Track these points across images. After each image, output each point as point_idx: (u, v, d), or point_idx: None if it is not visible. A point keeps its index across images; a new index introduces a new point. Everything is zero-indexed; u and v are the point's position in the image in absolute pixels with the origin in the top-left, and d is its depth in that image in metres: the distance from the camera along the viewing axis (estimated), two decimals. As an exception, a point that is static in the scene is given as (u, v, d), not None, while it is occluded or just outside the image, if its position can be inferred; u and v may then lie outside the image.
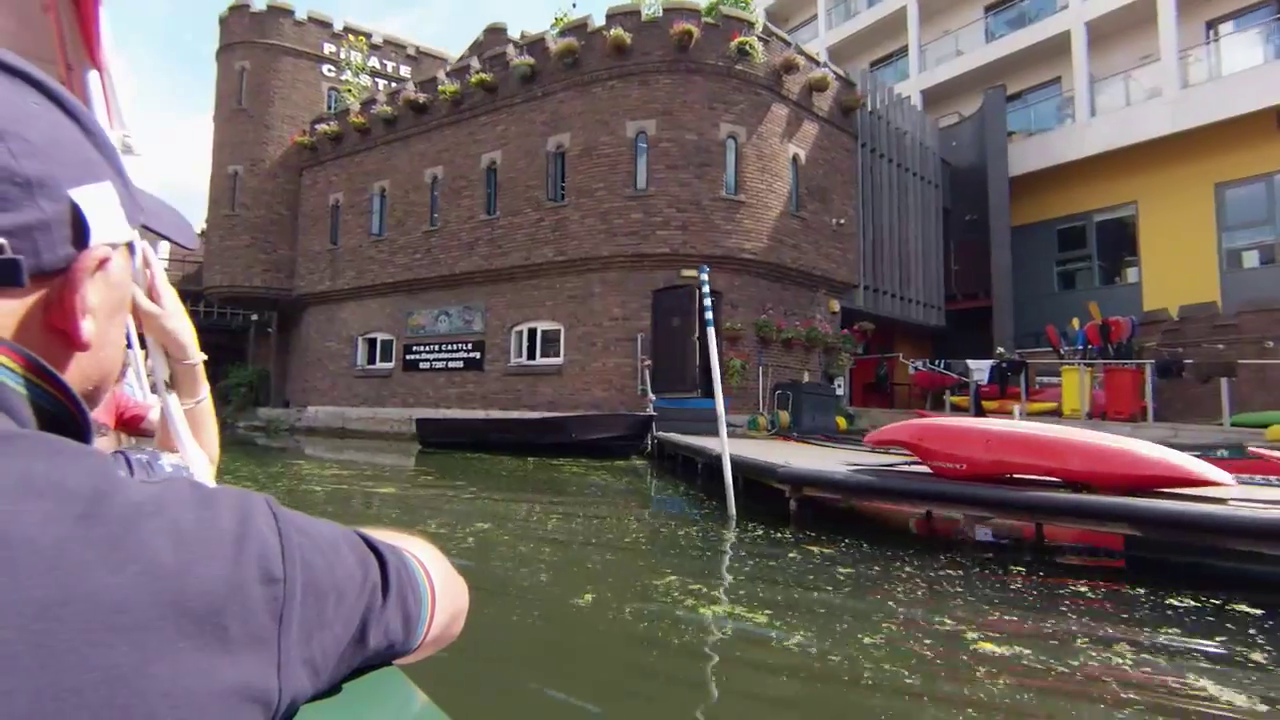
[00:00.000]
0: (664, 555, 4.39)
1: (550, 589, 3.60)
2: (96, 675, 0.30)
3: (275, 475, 9.32)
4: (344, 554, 0.45)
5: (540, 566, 4.03)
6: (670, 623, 3.00)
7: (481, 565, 4.04)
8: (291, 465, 11.12)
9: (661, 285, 13.56)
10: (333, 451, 14.89)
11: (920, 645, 2.78)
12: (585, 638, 2.98)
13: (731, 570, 4.03)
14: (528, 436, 11.35)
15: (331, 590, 0.42)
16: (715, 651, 2.75)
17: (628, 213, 13.51)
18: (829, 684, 2.42)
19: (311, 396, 18.78)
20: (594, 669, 2.70)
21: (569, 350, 14.10)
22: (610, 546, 4.59)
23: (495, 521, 5.43)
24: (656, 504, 6.77)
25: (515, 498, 7.00)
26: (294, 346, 20.78)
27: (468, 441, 12.12)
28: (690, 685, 2.48)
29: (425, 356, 16.33)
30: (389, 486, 7.97)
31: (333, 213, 18.54)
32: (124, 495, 0.35)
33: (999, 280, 18.81)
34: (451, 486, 8.00)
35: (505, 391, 14.87)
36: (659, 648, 2.76)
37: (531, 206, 14.60)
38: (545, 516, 5.72)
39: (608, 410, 13.34)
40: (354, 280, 17.74)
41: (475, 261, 15.35)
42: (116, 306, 0.46)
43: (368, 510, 6.25)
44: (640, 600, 3.35)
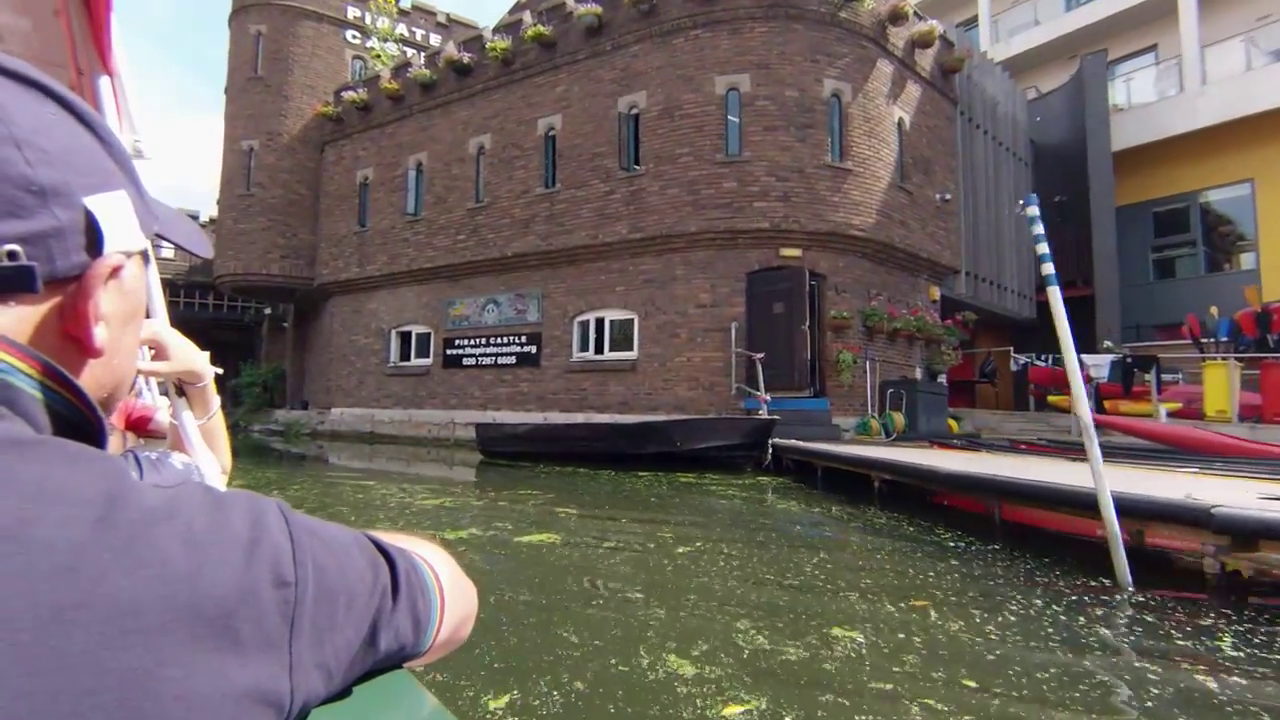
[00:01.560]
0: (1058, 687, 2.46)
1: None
2: (112, 677, 0.30)
3: (308, 494, 7.36)
4: (354, 557, 0.44)
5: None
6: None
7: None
8: (325, 479, 9.17)
9: (757, 267, 11.63)
10: (364, 460, 12.96)
11: None
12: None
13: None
14: (619, 445, 9.39)
15: (343, 593, 0.42)
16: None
17: (718, 181, 11.58)
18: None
19: (335, 397, 16.81)
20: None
21: (645, 343, 12.16)
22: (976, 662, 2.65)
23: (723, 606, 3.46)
24: (928, 555, 4.79)
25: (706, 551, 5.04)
26: (314, 342, 18.81)
27: (541, 451, 10.15)
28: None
29: (470, 351, 14.38)
30: (476, 527, 6.01)
31: (361, 191, 16.58)
32: (138, 500, 0.35)
33: (1102, 267, 16.90)
34: (583, 515, 6.04)
35: (567, 391, 12.92)
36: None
37: (599, 177, 12.66)
38: (776, 576, 3.76)
39: (694, 412, 11.42)
40: (386, 266, 15.78)
41: (531, 242, 13.40)
42: (130, 314, 0.47)
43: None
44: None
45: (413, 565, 0.51)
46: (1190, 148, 17.62)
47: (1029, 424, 13.98)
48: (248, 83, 17.52)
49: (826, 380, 11.56)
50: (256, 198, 17.20)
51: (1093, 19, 19.47)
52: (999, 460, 6.66)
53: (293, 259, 17.37)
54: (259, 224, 17.15)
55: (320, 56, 17.82)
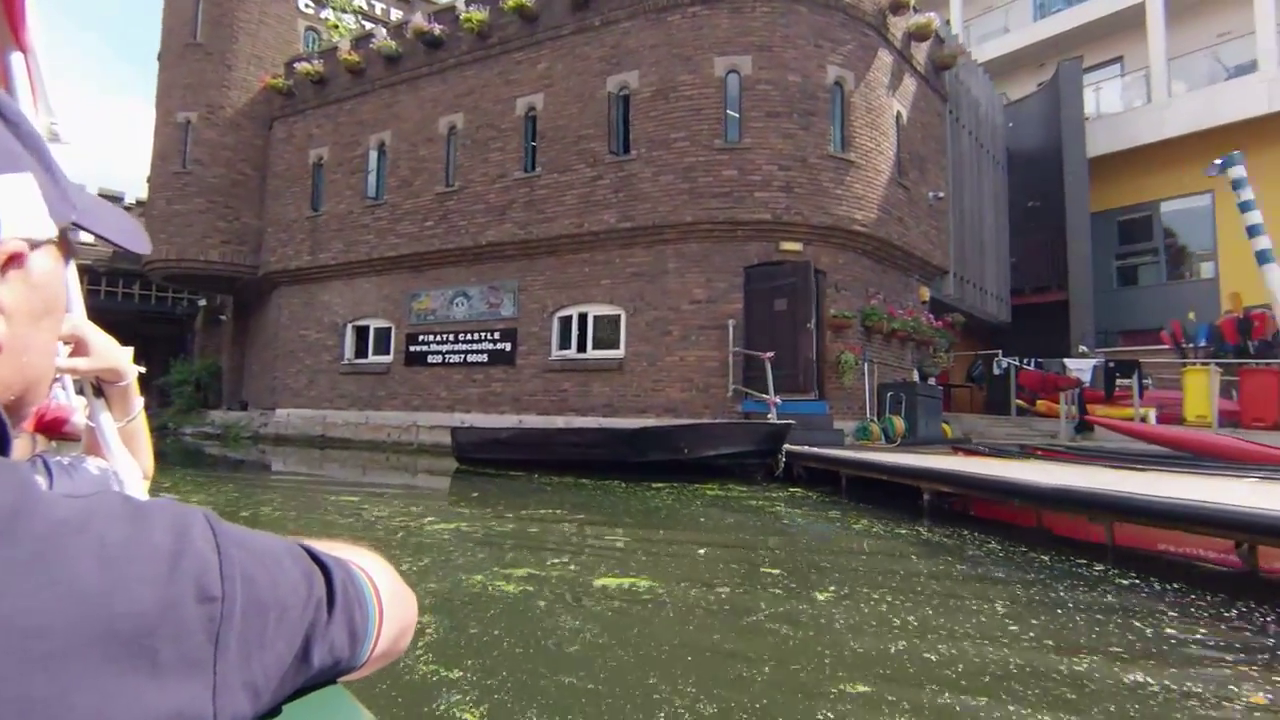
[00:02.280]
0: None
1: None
2: (11, 708, 0.28)
3: (284, 512, 6.25)
4: (287, 568, 0.42)
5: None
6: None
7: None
8: (306, 493, 7.97)
9: (756, 261, 10.95)
10: (315, 467, 11.70)
11: None
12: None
13: None
14: (619, 453, 8.49)
15: (274, 607, 0.40)
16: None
17: (717, 169, 10.84)
18: None
19: (281, 397, 15.31)
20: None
21: (633, 341, 11.31)
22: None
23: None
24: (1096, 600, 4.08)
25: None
26: (257, 337, 17.18)
27: (528, 459, 9.15)
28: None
29: (436, 348, 13.22)
30: (530, 565, 5.08)
31: (314, 172, 15.16)
32: (45, 511, 0.33)
33: (1077, 272, 16.98)
34: (639, 542, 5.16)
35: (545, 392, 11.94)
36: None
37: (586, 161, 11.75)
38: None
39: (688, 416, 10.64)
40: (342, 254, 14.43)
41: (507, 230, 12.37)
42: (43, 310, 0.43)
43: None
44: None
45: (349, 575, 0.48)
46: (1155, 158, 17.94)
47: (1016, 429, 13.75)
48: (185, 49, 15.84)
49: (826, 382, 10.96)
50: (194, 176, 15.54)
51: (1061, 29, 19.72)
52: (1061, 470, 6.10)
53: (235, 245, 15.78)
54: (196, 205, 15.50)
55: (269, 25, 16.29)
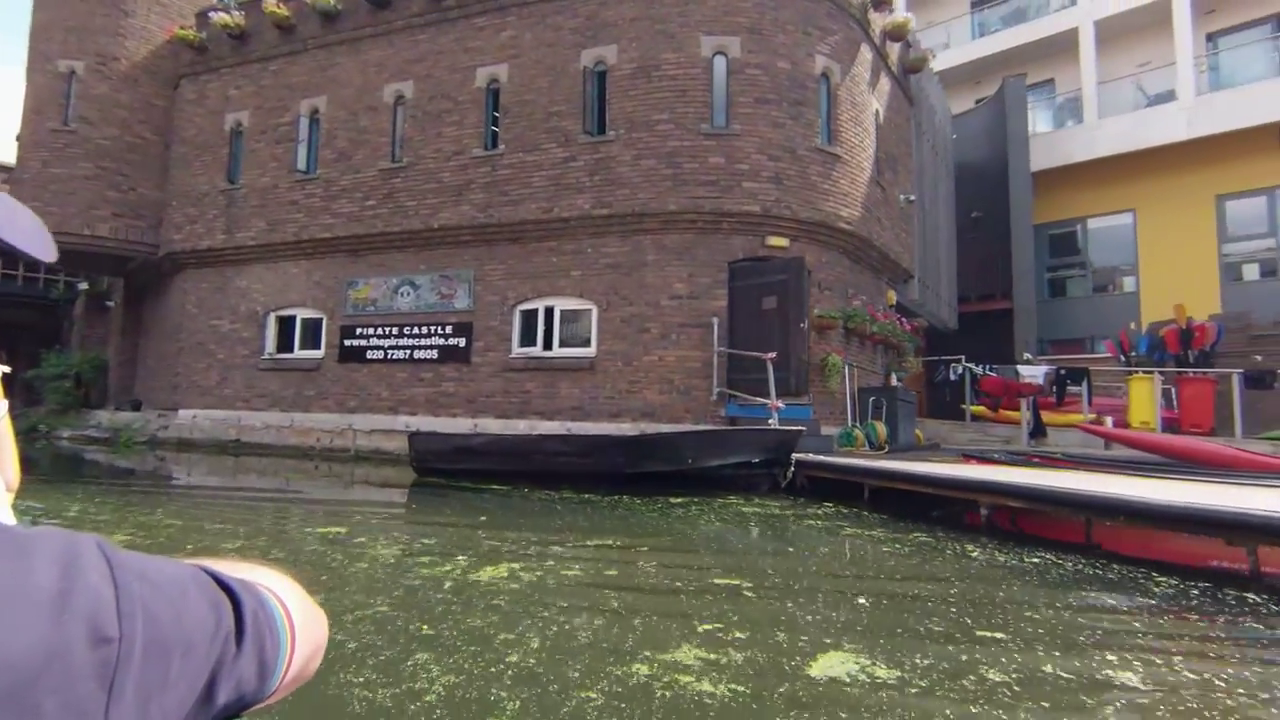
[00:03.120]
0: None
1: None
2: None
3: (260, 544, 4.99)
4: (193, 599, 0.39)
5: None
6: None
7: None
8: (183, 502, 6.55)
9: (741, 256, 10.30)
10: (228, 477, 10.15)
11: None
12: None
13: None
14: (612, 462, 7.55)
15: (178, 645, 0.36)
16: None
17: (703, 155, 10.12)
18: None
19: (186, 396, 13.31)
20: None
21: (606, 338, 10.40)
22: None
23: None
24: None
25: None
26: (154, 326, 14.97)
27: (504, 469, 8.04)
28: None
29: (377, 343, 11.78)
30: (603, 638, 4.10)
31: (232, 139, 13.29)
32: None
33: (1021, 282, 17.48)
34: (712, 588, 4.28)
35: (505, 393, 10.81)
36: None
37: (556, 141, 10.74)
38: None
39: (667, 420, 9.87)
40: (265, 234, 12.68)
41: (463, 213, 11.15)
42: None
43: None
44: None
45: (260, 601, 0.44)
46: (1085, 176, 18.81)
47: (975, 435, 13.80)
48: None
49: (810, 386, 10.45)
50: (80, 136, 13.29)
51: (998, 48, 20.41)
52: (1079, 477, 5.73)
53: (130, 219, 13.62)
54: (82, 170, 13.25)
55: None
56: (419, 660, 2.55)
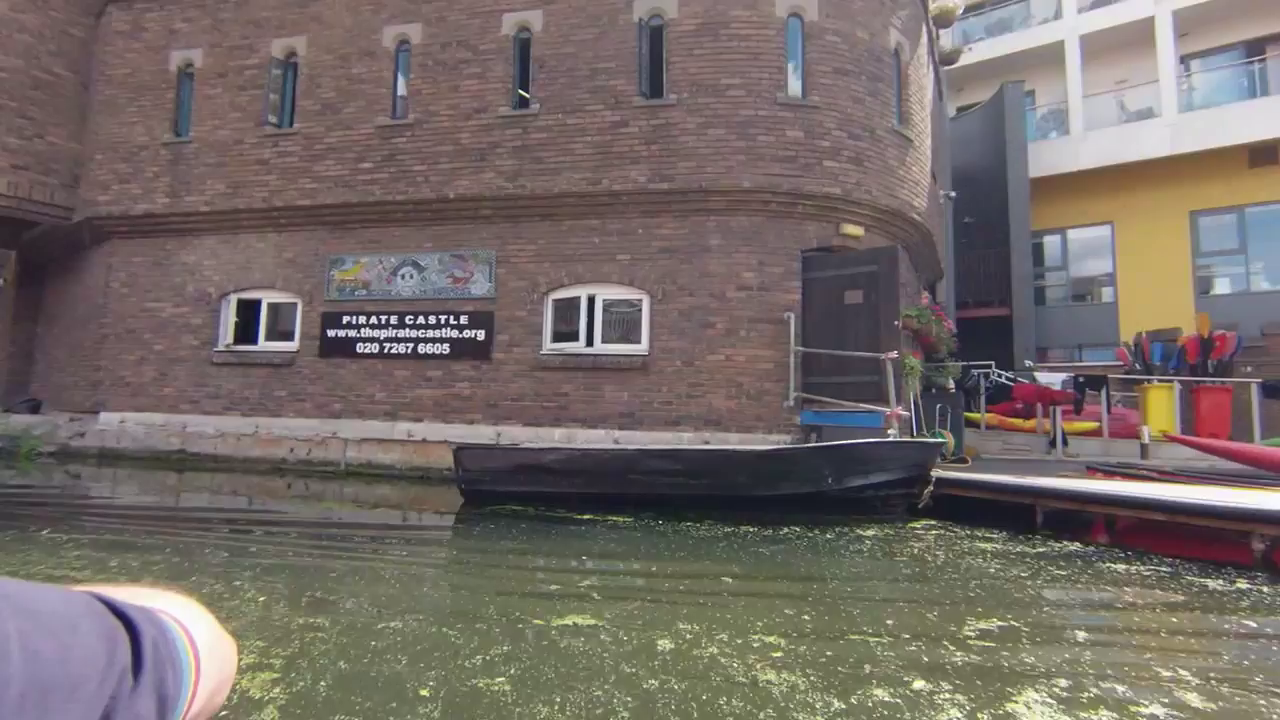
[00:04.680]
0: None
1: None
2: None
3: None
4: (82, 633, 0.35)
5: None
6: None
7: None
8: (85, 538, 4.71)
9: (815, 244, 9.14)
10: (167, 498, 8.10)
11: None
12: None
13: None
14: (734, 483, 6.14)
15: (62, 685, 0.32)
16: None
17: (780, 128, 8.90)
18: None
19: (111, 396, 10.73)
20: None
21: (661, 333, 8.98)
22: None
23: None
24: None
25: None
26: (62, 310, 12.16)
27: (586, 492, 6.45)
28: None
29: (370, 334, 9.80)
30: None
31: (180, 82, 10.85)
32: None
33: (1020, 289, 17.35)
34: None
35: (535, 396, 9.16)
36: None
37: (604, 102, 9.21)
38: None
39: (735, 428, 8.59)
40: (223, 199, 10.37)
41: (487, 181, 9.41)
42: None
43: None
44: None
45: (161, 631, 0.41)
46: (1068, 187, 19.02)
47: (1001, 444, 13.29)
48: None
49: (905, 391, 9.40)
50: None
51: (983, 57, 20.43)
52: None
53: (33, 174, 10.89)
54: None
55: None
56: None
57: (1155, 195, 18.29)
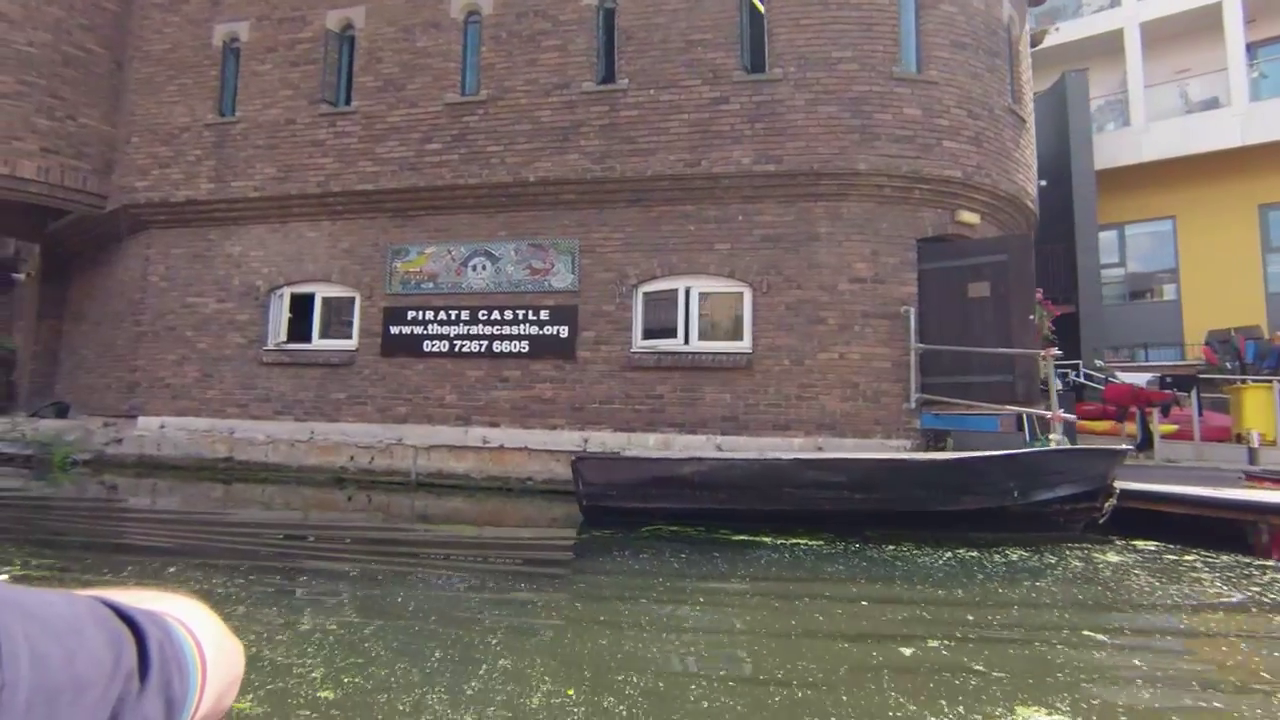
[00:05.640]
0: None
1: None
2: None
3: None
4: (88, 637, 0.35)
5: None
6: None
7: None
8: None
9: (930, 232, 8.36)
10: (216, 508, 7.29)
11: None
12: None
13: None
14: (912, 497, 5.36)
15: (69, 688, 0.33)
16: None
17: (897, 105, 8.11)
18: None
19: (150, 399, 9.87)
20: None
21: (765, 329, 8.18)
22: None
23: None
24: None
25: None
26: (90, 305, 11.30)
27: (727, 508, 5.65)
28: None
29: (438, 331, 8.98)
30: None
31: (225, 58, 10.01)
32: None
33: (1087, 285, 16.60)
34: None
35: (626, 398, 8.35)
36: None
37: (701, 77, 8.41)
38: None
39: (851, 434, 7.80)
40: (273, 184, 9.53)
41: (572, 163, 8.60)
42: None
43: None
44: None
45: (167, 634, 0.41)
46: (1123, 181, 18.30)
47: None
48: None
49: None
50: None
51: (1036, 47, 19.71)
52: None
53: (65, 158, 10.02)
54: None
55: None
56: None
57: (1222, 188, 17.57)
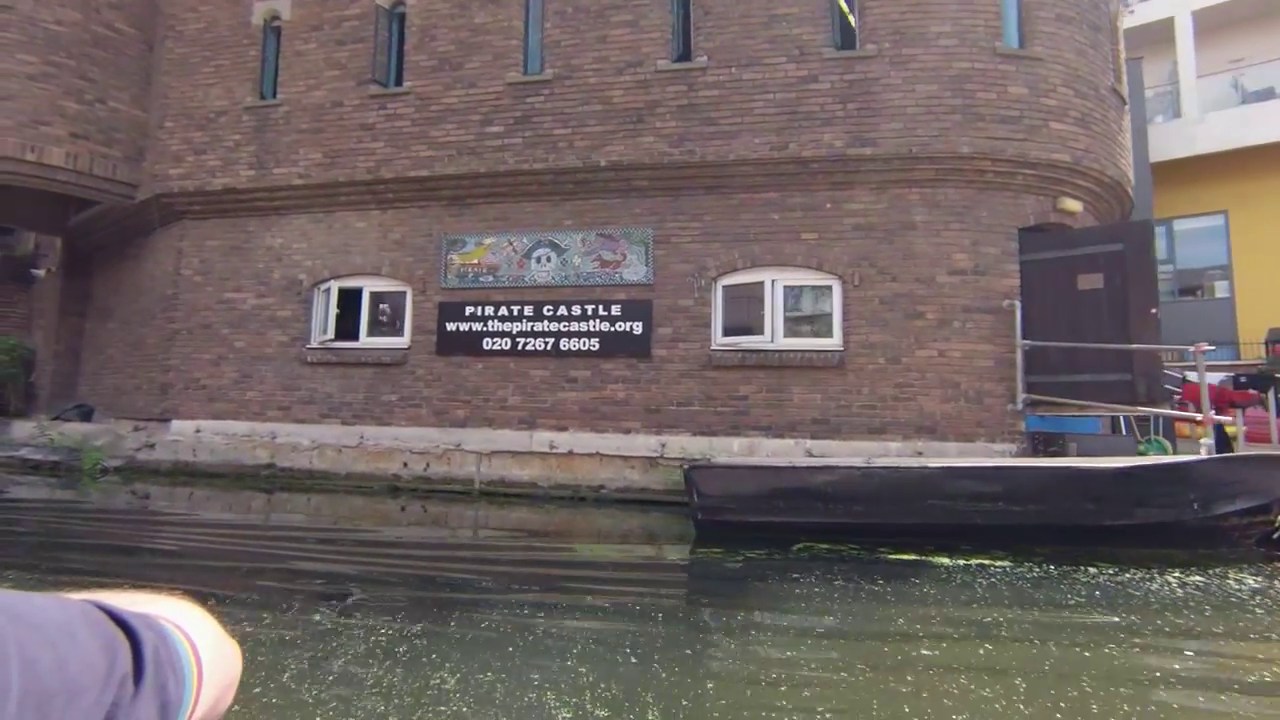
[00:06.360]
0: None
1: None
2: None
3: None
4: (81, 641, 0.35)
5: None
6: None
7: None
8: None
9: (1031, 221, 7.76)
10: (262, 517, 6.70)
11: None
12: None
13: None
14: (1078, 510, 4.75)
15: (61, 692, 0.32)
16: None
17: (1001, 83, 7.52)
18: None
19: (184, 401, 9.24)
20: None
21: (857, 324, 7.58)
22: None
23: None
24: None
25: None
26: (117, 301, 10.68)
27: (865, 522, 5.04)
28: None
29: (499, 328, 8.36)
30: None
31: (265, 38, 9.39)
32: None
33: (1142, 282, 16.03)
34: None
35: (706, 399, 7.74)
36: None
37: (787, 54, 7.81)
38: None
39: (953, 436, 7.21)
40: (319, 171, 8.91)
41: (648, 147, 7.99)
42: None
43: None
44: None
45: (162, 637, 0.40)
46: (1170, 174, 17.74)
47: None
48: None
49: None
50: (18, 16, 8.99)
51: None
52: None
53: (94, 145, 9.40)
54: (21, 65, 8.96)
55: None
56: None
57: (1276, 181, 17.01)
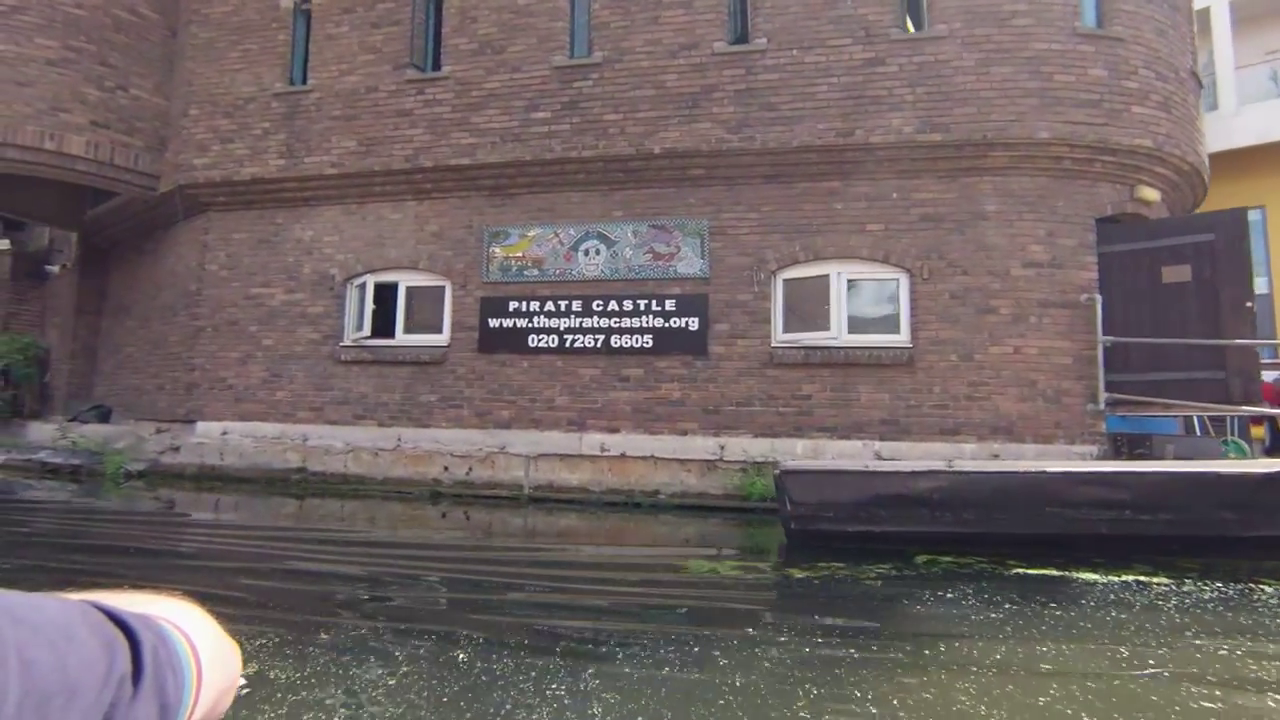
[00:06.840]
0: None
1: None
2: None
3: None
4: (81, 641, 0.35)
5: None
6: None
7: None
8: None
9: (1108, 211, 7.37)
10: (293, 523, 6.32)
11: None
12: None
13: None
14: (1215, 519, 4.36)
15: (60, 693, 0.32)
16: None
17: (1080, 65, 7.12)
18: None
19: (210, 402, 8.82)
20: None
21: (927, 320, 7.18)
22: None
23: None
24: None
25: None
26: (136, 298, 10.26)
27: (976, 531, 4.65)
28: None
29: (546, 325, 7.95)
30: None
31: (294, 20, 8.97)
32: None
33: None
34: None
35: (767, 399, 7.34)
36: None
37: (851, 35, 7.41)
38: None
39: (1031, 438, 6.81)
40: (353, 160, 8.50)
41: (703, 133, 7.58)
42: None
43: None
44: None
45: (161, 637, 0.40)
46: (1214, 168, 17.34)
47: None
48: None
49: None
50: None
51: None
52: None
53: (115, 134, 8.98)
54: (39, 50, 8.54)
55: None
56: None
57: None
